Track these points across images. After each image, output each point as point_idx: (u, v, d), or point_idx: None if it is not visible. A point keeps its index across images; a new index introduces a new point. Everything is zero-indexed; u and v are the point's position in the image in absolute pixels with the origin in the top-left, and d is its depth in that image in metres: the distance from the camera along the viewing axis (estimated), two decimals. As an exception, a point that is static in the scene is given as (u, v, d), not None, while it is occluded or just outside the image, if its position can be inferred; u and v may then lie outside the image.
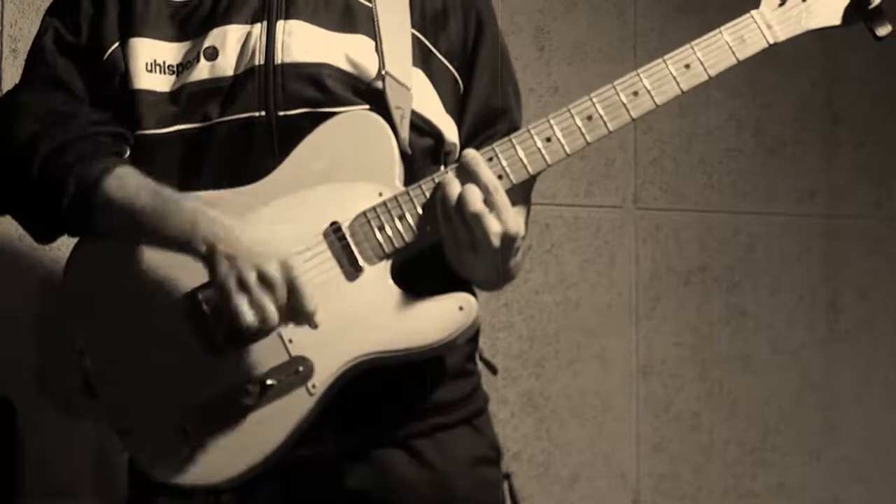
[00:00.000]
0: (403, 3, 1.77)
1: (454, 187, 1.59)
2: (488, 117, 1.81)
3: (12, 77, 2.31)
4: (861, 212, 3.26)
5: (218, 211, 1.59)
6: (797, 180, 3.18)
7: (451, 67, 1.78)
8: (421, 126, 1.72)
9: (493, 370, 1.85)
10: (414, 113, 1.71)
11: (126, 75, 1.71)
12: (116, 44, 1.73)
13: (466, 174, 1.60)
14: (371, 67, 1.69)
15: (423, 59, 1.75)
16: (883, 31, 1.66)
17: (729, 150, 3.10)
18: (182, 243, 1.59)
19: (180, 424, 1.60)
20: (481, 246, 1.58)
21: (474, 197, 1.57)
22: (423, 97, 1.73)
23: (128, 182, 1.63)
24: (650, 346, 2.98)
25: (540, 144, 1.63)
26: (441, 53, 1.78)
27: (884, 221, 3.29)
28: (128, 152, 1.71)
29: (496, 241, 1.57)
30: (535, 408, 2.84)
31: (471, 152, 1.61)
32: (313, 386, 1.60)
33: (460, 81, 1.80)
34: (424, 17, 1.78)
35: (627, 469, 2.95)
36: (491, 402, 1.86)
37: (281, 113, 1.66)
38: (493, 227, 1.57)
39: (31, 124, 1.69)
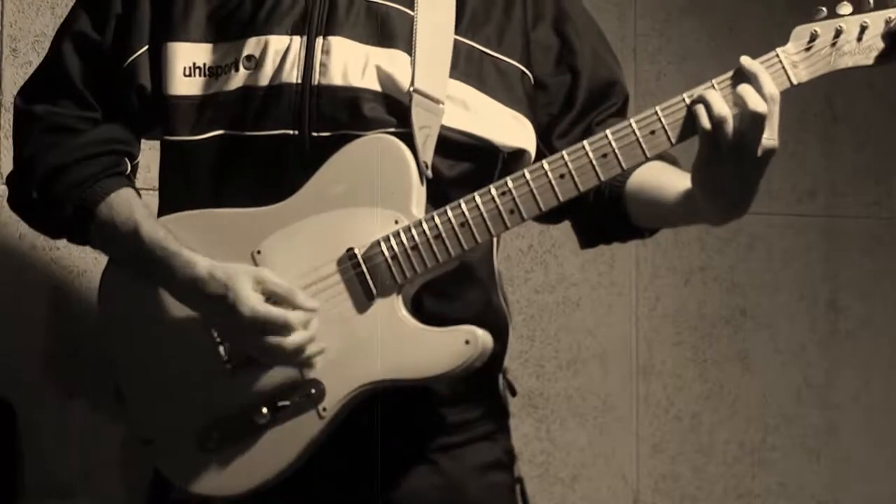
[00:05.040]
0: (449, 7, 1.73)
1: (724, 96, 1.57)
2: (600, 92, 1.80)
3: (12, 77, 2.31)
4: (861, 212, 3.26)
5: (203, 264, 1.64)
6: (797, 180, 3.18)
7: (510, 61, 1.76)
8: (460, 140, 1.70)
9: (512, 392, 1.85)
10: (450, 129, 1.69)
11: (160, 80, 1.71)
12: (143, 49, 1.73)
13: (741, 81, 1.58)
14: (403, 83, 1.68)
15: (471, 65, 1.73)
16: None
17: (729, 150, 3.09)
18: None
19: (199, 438, 1.65)
20: (744, 157, 1.56)
21: (757, 99, 1.56)
22: (464, 111, 1.71)
23: (117, 219, 1.69)
24: (650, 346, 2.98)
25: (554, 181, 1.62)
26: (496, 51, 1.75)
27: (884, 221, 3.29)
28: (129, 168, 1.75)
29: (762, 150, 1.57)
30: (535, 408, 2.84)
31: (749, 59, 1.59)
32: (324, 409, 1.63)
33: (528, 72, 1.78)
34: (475, 18, 1.75)
35: (627, 469, 2.95)
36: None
37: (314, 134, 1.67)
38: (766, 134, 1.56)
39: (35, 141, 1.73)
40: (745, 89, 1.56)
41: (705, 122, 1.56)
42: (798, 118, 3.18)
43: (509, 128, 1.74)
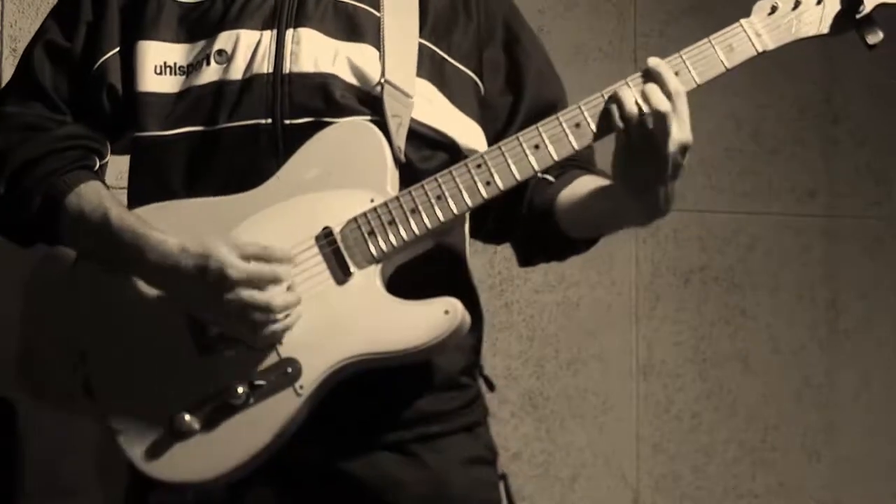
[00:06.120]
0: (412, 12, 1.78)
1: (635, 92, 1.61)
2: (544, 110, 1.82)
3: (12, 77, 2.31)
4: (861, 212, 3.26)
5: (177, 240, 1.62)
6: (797, 180, 3.18)
7: (467, 71, 1.80)
8: (429, 135, 1.74)
9: (490, 386, 1.85)
10: (419, 123, 1.72)
11: (132, 78, 1.72)
12: (113, 51, 1.75)
13: (649, 80, 1.61)
14: (373, 76, 1.70)
15: (433, 67, 1.77)
16: (873, 38, 1.66)
17: (729, 150, 3.09)
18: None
19: (173, 424, 1.62)
20: (657, 153, 1.60)
21: (660, 97, 1.59)
22: (430, 107, 1.74)
23: (86, 207, 1.67)
24: (650, 346, 2.98)
25: (528, 151, 1.65)
26: (455, 59, 1.79)
27: (884, 221, 3.29)
28: (98, 164, 1.75)
29: (674, 146, 1.61)
30: (535, 408, 2.84)
31: (656, 60, 1.63)
32: (301, 387, 1.62)
33: (480, 84, 1.81)
34: (436, 25, 1.79)
35: (627, 469, 2.95)
36: (491, 402, 1.86)
37: (287, 122, 1.68)
38: (675, 130, 1.60)
39: (3, 139, 1.73)
40: (650, 88, 1.61)
41: (617, 121, 1.62)
42: (798, 118, 3.18)
43: (468, 130, 1.78)
